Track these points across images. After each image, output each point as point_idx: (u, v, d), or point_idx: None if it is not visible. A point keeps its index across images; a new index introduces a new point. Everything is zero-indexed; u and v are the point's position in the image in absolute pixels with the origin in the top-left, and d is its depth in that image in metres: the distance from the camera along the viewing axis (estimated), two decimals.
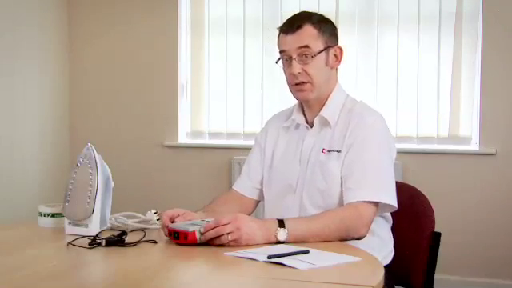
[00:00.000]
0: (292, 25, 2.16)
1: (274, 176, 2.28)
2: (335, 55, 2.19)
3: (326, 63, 2.17)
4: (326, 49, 2.16)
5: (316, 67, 2.14)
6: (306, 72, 2.14)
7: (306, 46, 2.13)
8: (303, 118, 2.26)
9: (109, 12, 4.65)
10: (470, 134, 4.08)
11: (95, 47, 4.69)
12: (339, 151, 2.12)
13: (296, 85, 2.17)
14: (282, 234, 1.90)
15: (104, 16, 4.66)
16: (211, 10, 4.48)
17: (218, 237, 1.84)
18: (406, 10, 4.12)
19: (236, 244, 1.84)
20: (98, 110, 4.69)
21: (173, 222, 1.99)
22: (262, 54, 4.34)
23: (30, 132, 4.36)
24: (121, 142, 4.61)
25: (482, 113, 4.00)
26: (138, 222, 2.13)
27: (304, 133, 2.24)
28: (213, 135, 4.51)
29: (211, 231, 1.85)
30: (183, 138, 4.57)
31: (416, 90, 4.12)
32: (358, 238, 2.03)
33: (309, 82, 2.15)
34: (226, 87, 4.46)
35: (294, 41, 2.15)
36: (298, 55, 2.14)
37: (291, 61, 2.15)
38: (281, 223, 1.91)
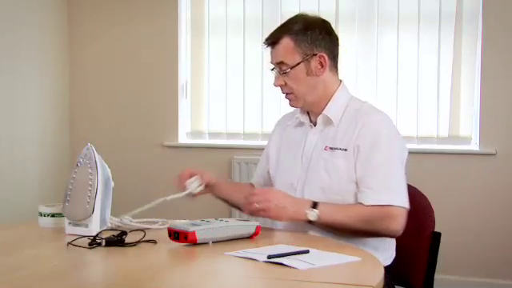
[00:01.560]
0: (269, 39, 2.21)
1: (278, 175, 2.32)
2: (320, 62, 2.18)
3: (308, 73, 2.18)
4: (306, 59, 2.16)
5: (295, 80, 2.17)
6: (287, 84, 2.19)
7: (281, 62, 2.18)
8: (307, 117, 2.28)
9: (109, 12, 4.65)
10: (469, 133, 4.08)
11: (95, 47, 4.69)
12: (345, 150, 2.13)
13: (284, 94, 2.24)
14: (312, 214, 2.04)
15: (104, 16, 4.66)
16: (211, 10, 4.48)
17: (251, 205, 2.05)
18: (405, 9, 4.12)
19: (266, 215, 2.04)
20: (98, 110, 4.69)
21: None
22: (262, 54, 4.33)
23: (30, 132, 4.36)
24: (121, 142, 4.61)
25: (482, 113, 4.00)
26: (144, 223, 2.14)
27: (307, 131, 2.26)
28: (213, 135, 4.51)
29: (244, 197, 2.09)
30: (183, 138, 4.57)
31: (416, 90, 4.12)
32: (392, 236, 2.11)
33: (291, 93, 2.20)
34: (225, 87, 4.46)
35: (272, 56, 2.22)
36: (278, 69, 2.20)
37: (275, 73, 2.22)
38: (314, 205, 2.05)
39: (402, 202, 2.08)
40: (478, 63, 4.02)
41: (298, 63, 2.16)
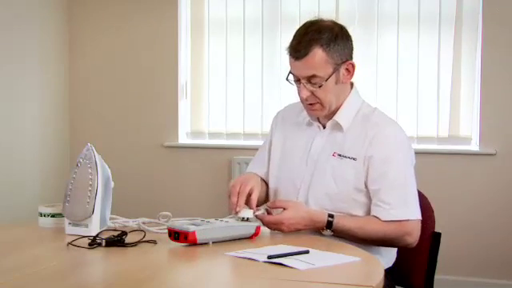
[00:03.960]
0: (299, 50, 2.09)
1: (280, 172, 2.28)
2: (347, 69, 2.16)
3: (337, 82, 2.14)
4: (336, 69, 2.13)
5: (325, 91, 2.12)
6: (314, 95, 2.12)
7: (314, 76, 2.10)
8: (316, 118, 2.25)
9: (109, 13, 4.65)
10: (469, 134, 4.08)
11: (95, 48, 4.68)
12: (355, 159, 2.12)
13: (308, 104, 2.17)
14: (327, 233, 2.06)
15: (104, 17, 4.66)
16: (211, 10, 4.47)
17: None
18: (405, 10, 4.11)
19: (283, 232, 2.05)
20: (98, 110, 4.69)
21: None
22: (262, 55, 4.33)
23: (30, 132, 4.35)
24: (121, 142, 4.61)
25: (482, 113, 4.00)
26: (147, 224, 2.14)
27: (315, 133, 2.24)
28: (213, 135, 4.51)
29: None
30: (183, 139, 4.57)
31: (416, 90, 4.12)
32: (407, 248, 2.12)
33: (318, 103, 2.14)
34: (225, 87, 4.45)
35: (301, 68, 2.11)
36: (306, 81, 2.11)
37: (300, 83, 2.13)
38: (329, 222, 2.05)
39: (417, 214, 2.11)
40: (477, 63, 4.01)
41: (331, 74, 2.11)
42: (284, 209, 2.07)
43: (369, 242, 2.09)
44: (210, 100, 4.50)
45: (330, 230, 2.06)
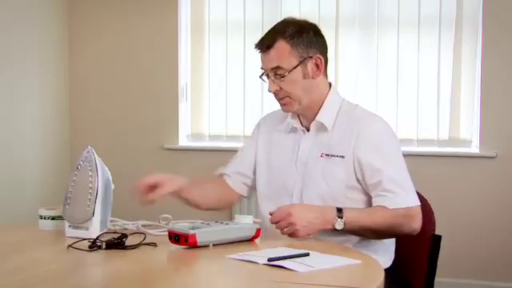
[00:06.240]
0: (263, 44, 2.18)
1: (269, 178, 2.27)
2: (316, 65, 2.16)
3: (305, 76, 2.14)
4: (302, 62, 2.13)
5: (291, 83, 2.13)
6: (282, 88, 2.15)
7: (278, 67, 2.13)
8: (299, 122, 2.25)
9: (109, 13, 4.65)
10: (470, 136, 4.08)
11: (95, 48, 4.68)
12: (342, 156, 2.12)
13: (278, 99, 2.20)
14: (339, 223, 2.01)
15: (104, 17, 4.66)
16: (211, 11, 4.47)
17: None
18: (406, 12, 4.11)
19: (296, 236, 1.96)
20: (98, 110, 4.68)
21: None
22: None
23: (30, 132, 4.35)
24: (121, 144, 4.61)
25: (483, 115, 4.00)
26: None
27: (300, 137, 2.24)
28: (213, 138, 4.50)
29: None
30: (183, 141, 4.57)
31: (416, 93, 4.12)
32: (412, 234, 2.11)
33: (287, 97, 2.16)
34: (226, 89, 4.45)
35: (266, 61, 2.18)
36: (273, 74, 2.16)
37: (268, 78, 2.18)
38: (339, 212, 2.01)
39: (417, 200, 2.12)
40: (478, 66, 4.02)
41: (295, 67, 2.13)
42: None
43: (377, 231, 2.07)
44: (211, 102, 4.49)
45: (341, 219, 2.01)
